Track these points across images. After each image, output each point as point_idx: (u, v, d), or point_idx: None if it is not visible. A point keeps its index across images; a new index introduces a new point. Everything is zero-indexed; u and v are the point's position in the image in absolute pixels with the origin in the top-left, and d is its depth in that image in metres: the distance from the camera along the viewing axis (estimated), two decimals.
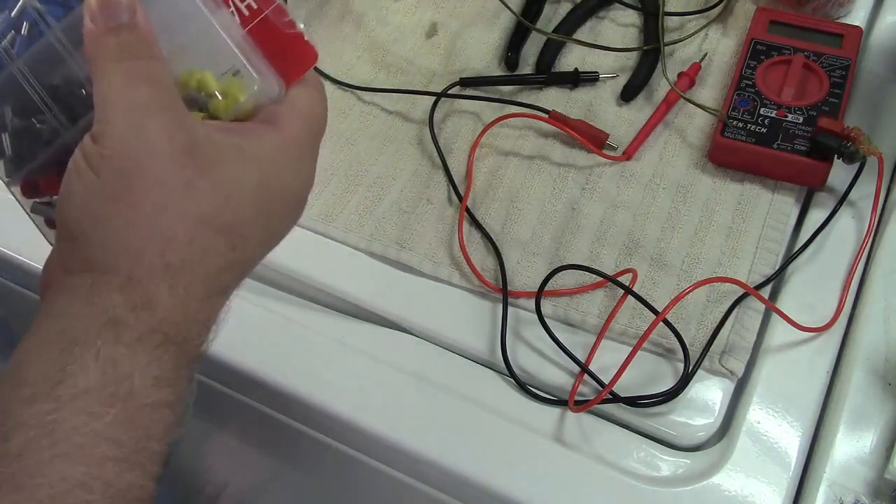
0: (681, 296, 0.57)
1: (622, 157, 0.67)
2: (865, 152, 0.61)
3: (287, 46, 0.42)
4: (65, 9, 0.42)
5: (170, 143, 0.39)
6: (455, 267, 0.63)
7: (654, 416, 0.56)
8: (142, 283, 0.38)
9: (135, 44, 0.40)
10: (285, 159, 0.42)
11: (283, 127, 0.42)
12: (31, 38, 0.42)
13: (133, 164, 0.38)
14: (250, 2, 0.42)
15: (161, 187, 0.38)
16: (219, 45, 0.41)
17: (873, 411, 0.54)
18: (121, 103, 0.39)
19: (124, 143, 0.38)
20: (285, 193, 0.43)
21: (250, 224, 0.41)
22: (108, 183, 0.38)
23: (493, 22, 0.77)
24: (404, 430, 0.57)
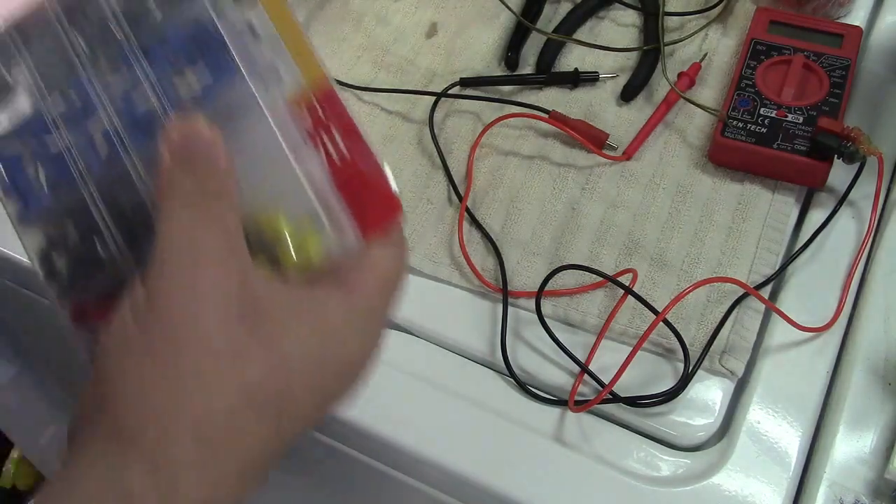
0: (681, 296, 0.57)
1: (622, 157, 0.67)
2: (865, 152, 0.61)
3: (372, 197, 0.39)
4: (146, 134, 0.40)
5: (223, 300, 0.35)
6: (455, 267, 0.63)
7: (654, 416, 0.56)
8: (168, 461, 0.34)
9: (209, 185, 0.37)
10: (350, 327, 0.38)
11: (354, 289, 0.38)
12: (108, 160, 0.40)
13: (179, 321, 0.35)
14: (340, 145, 0.39)
15: (206, 351, 0.35)
16: (298, 189, 0.38)
17: (873, 411, 0.54)
18: (179, 250, 0.36)
19: (174, 296, 0.35)
20: (344, 366, 0.38)
21: (301, 399, 0.37)
22: (150, 339, 0.35)
23: (493, 22, 0.77)
24: (404, 429, 0.57)
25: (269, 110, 0.39)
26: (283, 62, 0.40)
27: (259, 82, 0.39)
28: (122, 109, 0.40)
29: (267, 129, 0.38)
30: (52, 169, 0.40)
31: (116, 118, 0.40)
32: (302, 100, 0.39)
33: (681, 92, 0.68)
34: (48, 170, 0.40)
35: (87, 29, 0.41)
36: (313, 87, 0.40)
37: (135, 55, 0.40)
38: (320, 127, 0.39)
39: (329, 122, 0.39)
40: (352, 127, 0.39)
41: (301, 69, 0.40)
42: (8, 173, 0.41)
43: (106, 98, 0.40)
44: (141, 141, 0.40)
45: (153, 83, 0.40)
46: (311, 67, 0.40)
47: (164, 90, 0.40)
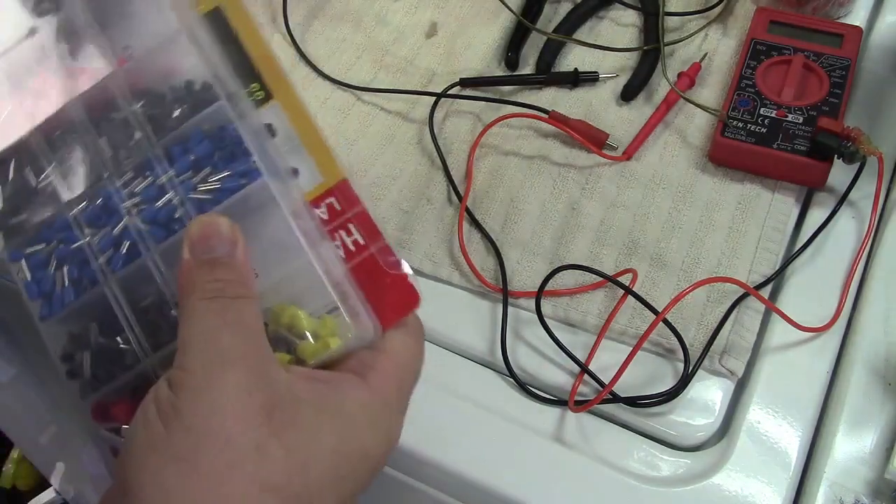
0: (681, 295, 0.57)
1: (622, 157, 0.67)
2: (865, 152, 0.61)
3: (390, 287, 0.40)
4: (167, 232, 0.41)
5: (247, 399, 0.36)
6: (455, 267, 0.63)
7: (655, 416, 0.56)
8: None
9: (229, 282, 0.38)
10: (368, 419, 0.39)
11: (372, 380, 0.39)
12: (130, 257, 0.41)
13: (204, 421, 0.35)
14: (357, 237, 0.41)
15: (229, 450, 0.35)
16: (316, 283, 0.39)
17: (873, 411, 0.54)
18: (202, 351, 0.37)
19: (198, 398, 0.36)
20: (363, 458, 0.39)
21: (322, 493, 0.37)
22: (175, 439, 0.35)
23: (493, 22, 0.77)
24: (404, 429, 0.57)
25: (286, 207, 0.40)
26: (301, 160, 0.41)
27: (277, 181, 0.41)
28: (143, 208, 0.42)
29: (285, 226, 0.40)
30: (74, 268, 0.42)
31: (137, 216, 0.42)
32: (319, 196, 0.41)
33: (680, 92, 0.68)
34: (71, 269, 0.42)
35: (110, 132, 0.43)
36: (330, 182, 0.41)
37: (157, 156, 0.42)
38: (338, 221, 0.41)
39: (346, 216, 0.41)
40: (369, 221, 0.41)
41: (318, 166, 0.42)
42: (32, 274, 0.42)
43: (127, 197, 0.42)
44: (161, 237, 0.41)
45: (174, 183, 0.41)
46: (328, 163, 0.42)
47: (185, 190, 0.41)
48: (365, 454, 0.39)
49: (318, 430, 0.37)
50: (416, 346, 0.41)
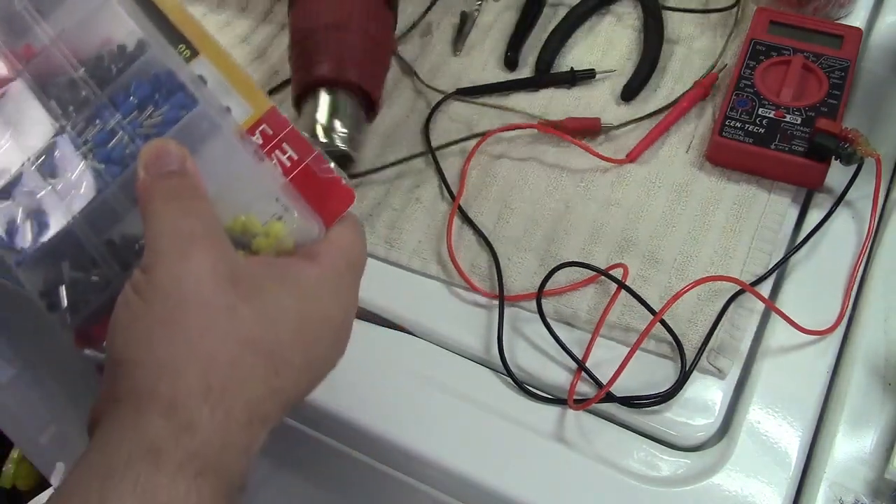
0: (679, 294, 0.57)
1: (625, 160, 0.67)
2: (863, 154, 0.61)
3: (326, 190, 0.46)
4: (122, 167, 0.46)
5: (214, 270, 0.40)
6: (445, 265, 0.63)
7: (654, 415, 0.56)
8: (183, 405, 0.38)
9: (183, 186, 0.43)
10: (324, 289, 0.44)
11: (322, 261, 0.44)
12: (91, 196, 0.46)
13: (179, 289, 0.40)
14: (291, 153, 0.46)
15: (205, 311, 0.40)
16: (262, 193, 0.45)
17: (873, 411, 0.54)
18: (168, 235, 0.41)
19: (171, 270, 0.40)
20: (325, 321, 0.43)
21: (292, 349, 0.42)
22: (155, 308, 0.40)
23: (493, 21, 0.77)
24: (403, 429, 0.57)
25: (226, 136, 0.46)
26: (231, 100, 0.47)
27: (214, 115, 0.46)
28: (97, 152, 0.47)
29: (229, 148, 0.46)
30: (41, 215, 0.47)
31: (93, 160, 0.47)
32: (253, 125, 0.47)
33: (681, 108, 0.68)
34: (38, 216, 0.47)
35: (58, 93, 0.48)
36: (259, 112, 0.47)
37: (103, 104, 0.47)
38: (272, 143, 0.46)
39: (279, 137, 0.47)
40: (299, 138, 0.46)
41: (247, 101, 0.47)
42: (4, 228, 0.47)
43: (82, 144, 0.47)
44: (117, 173, 0.46)
45: (122, 124, 0.47)
46: (255, 97, 0.47)
47: (133, 128, 0.47)
48: (326, 318, 0.44)
49: (279, 296, 0.42)
50: (356, 235, 0.46)
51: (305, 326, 0.42)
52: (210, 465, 0.38)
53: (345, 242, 0.46)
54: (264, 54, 0.78)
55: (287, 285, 0.42)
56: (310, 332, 0.43)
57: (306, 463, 0.70)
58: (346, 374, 0.59)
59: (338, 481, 0.69)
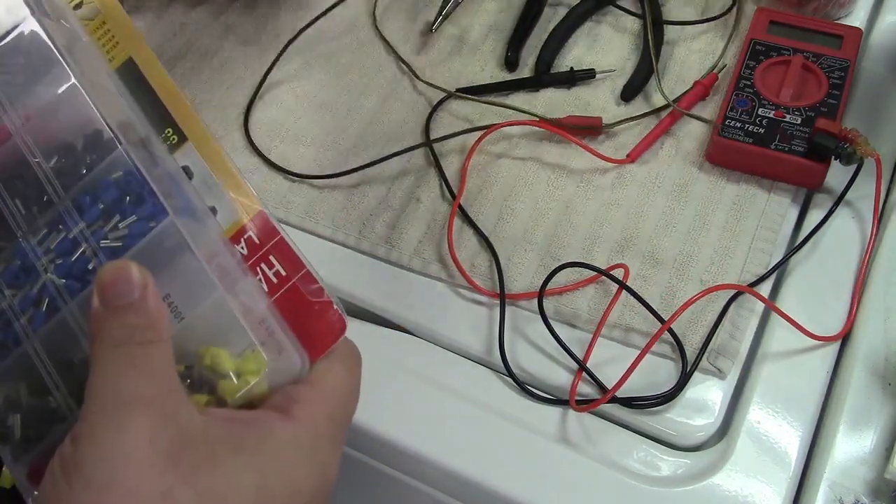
0: (689, 303, 0.57)
1: (625, 160, 0.67)
2: (863, 154, 0.61)
3: (315, 316, 0.41)
4: (83, 283, 0.41)
5: (150, 445, 0.34)
6: (446, 265, 0.63)
7: (654, 416, 0.56)
8: None
9: (137, 327, 0.37)
10: (295, 454, 0.38)
11: (299, 414, 0.38)
12: (49, 313, 0.41)
13: (104, 473, 0.34)
14: (278, 268, 0.41)
15: (132, 501, 0.34)
16: (236, 322, 0.39)
17: (873, 411, 0.54)
18: (103, 398, 0.35)
19: (99, 447, 0.34)
20: (293, 492, 0.37)
21: None
22: (76, 495, 0.34)
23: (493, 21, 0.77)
24: (404, 429, 0.57)
25: (200, 250, 0.40)
26: (217, 198, 0.42)
27: (192, 222, 0.41)
28: (59, 263, 0.42)
29: (199, 268, 0.40)
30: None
31: (53, 272, 0.42)
32: (238, 231, 0.42)
33: (681, 109, 0.68)
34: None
35: (23, 190, 0.43)
36: (247, 217, 0.42)
37: (67, 209, 0.42)
38: (258, 254, 0.41)
39: (266, 247, 0.41)
40: (289, 250, 0.41)
41: (234, 201, 0.42)
42: None
43: (43, 254, 0.42)
44: (77, 290, 0.41)
45: (86, 234, 0.42)
46: (243, 198, 0.42)
47: (97, 239, 0.42)
48: (296, 490, 0.37)
49: (235, 469, 0.36)
50: (346, 373, 0.40)
51: (265, 503, 0.36)
52: None
53: (330, 386, 0.40)
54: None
55: (246, 454, 0.36)
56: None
57: None
58: None
59: (337, 481, 0.69)
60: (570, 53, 0.75)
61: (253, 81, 0.75)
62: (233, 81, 0.76)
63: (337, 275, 0.64)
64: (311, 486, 0.38)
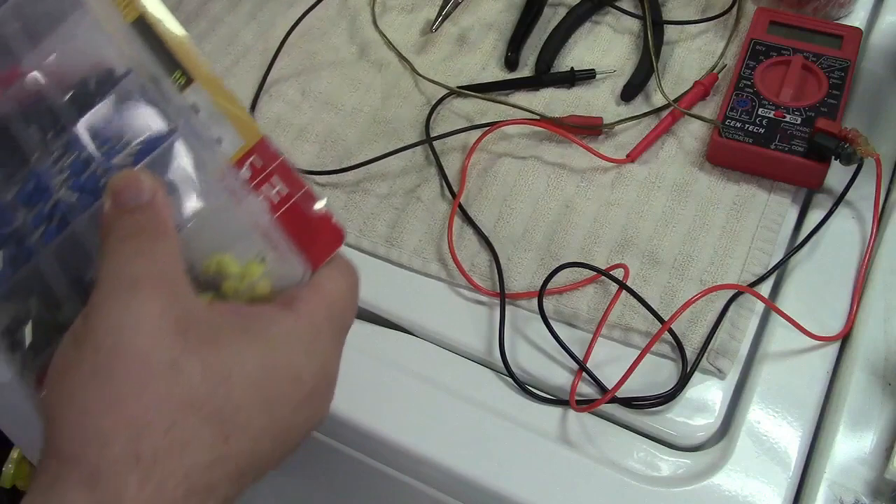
0: (689, 303, 0.57)
1: (625, 160, 0.67)
2: (863, 154, 0.61)
3: (314, 228, 0.43)
4: (94, 198, 0.43)
5: (159, 318, 0.36)
6: (445, 264, 0.63)
7: (654, 416, 0.56)
8: (107, 476, 0.34)
9: (146, 223, 0.39)
10: (296, 343, 0.39)
11: (299, 309, 0.40)
12: (61, 228, 0.44)
13: (113, 340, 0.36)
14: (280, 188, 0.44)
15: (141, 367, 0.35)
16: (244, 231, 0.42)
17: (873, 411, 0.54)
18: (115, 277, 0.37)
19: (109, 318, 0.36)
20: (293, 381, 0.39)
21: (248, 411, 0.37)
22: (87, 360, 0.36)
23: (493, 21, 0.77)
24: (404, 429, 0.57)
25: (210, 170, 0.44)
26: (223, 129, 0.45)
27: (199, 148, 0.44)
28: (71, 181, 0.44)
29: (210, 181, 0.43)
30: (11, 247, 0.44)
31: (67, 189, 0.44)
32: (242, 157, 0.44)
33: (681, 109, 0.68)
34: (8, 249, 0.44)
35: (39, 119, 0.47)
36: (250, 143, 0.45)
37: (81, 133, 0.45)
38: (261, 176, 0.44)
39: (268, 170, 0.44)
40: (289, 172, 0.44)
41: (238, 131, 0.45)
42: None
43: (57, 174, 0.45)
44: (88, 204, 0.44)
45: (97, 154, 0.45)
46: (247, 127, 0.45)
47: (108, 157, 0.45)
48: (296, 377, 0.39)
49: (239, 349, 0.37)
50: (344, 280, 0.42)
51: (267, 384, 0.38)
52: None
53: (328, 289, 0.41)
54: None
55: (249, 335, 0.38)
56: (272, 390, 0.38)
57: (305, 463, 0.70)
58: (346, 374, 0.59)
59: (337, 481, 0.69)
60: (570, 53, 0.75)
61: (261, 61, 0.76)
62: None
63: None
64: (311, 377, 0.40)
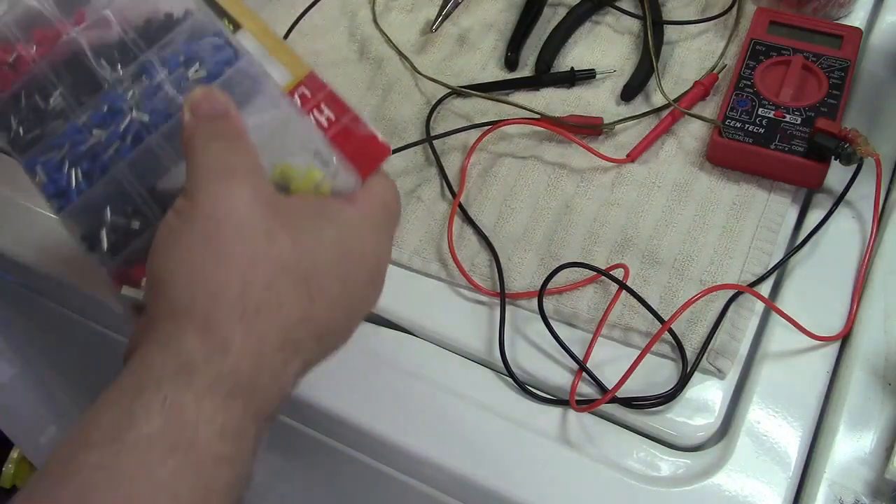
0: (689, 303, 0.57)
1: (625, 160, 0.67)
2: (862, 154, 0.61)
3: (363, 145, 0.47)
4: (167, 118, 0.48)
5: (253, 198, 0.41)
6: (445, 264, 0.63)
7: (654, 416, 0.56)
8: (218, 324, 0.39)
9: (227, 128, 0.44)
10: (362, 228, 0.44)
11: (361, 203, 0.45)
12: (135, 144, 0.48)
13: (219, 211, 0.41)
14: (329, 114, 0.48)
15: (243, 233, 0.40)
16: (303, 145, 0.46)
17: (873, 411, 0.55)
18: (210, 167, 0.42)
19: (211, 194, 0.41)
20: (362, 258, 0.44)
21: (328, 278, 0.42)
22: (195, 228, 0.41)
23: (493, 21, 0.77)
24: (404, 429, 0.57)
25: (269, 92, 0.47)
26: (272, 67, 0.49)
27: (259, 74, 0.48)
28: (144, 104, 0.49)
29: (272, 101, 0.47)
30: (85, 162, 0.49)
31: (139, 111, 0.49)
32: (292, 89, 0.48)
33: (681, 109, 0.68)
34: (82, 165, 0.49)
35: (108, 53, 0.51)
36: (299, 77, 0.48)
37: (150, 62, 0.50)
38: (310, 104, 0.48)
39: (317, 98, 0.48)
40: (336, 100, 0.48)
41: (287, 67, 0.49)
42: (48, 177, 0.49)
43: (129, 98, 0.49)
44: (161, 122, 0.48)
45: (168, 79, 0.49)
46: (295, 64, 0.49)
47: (178, 82, 0.49)
48: (363, 255, 0.44)
49: (317, 227, 0.43)
50: (392, 187, 0.47)
51: (343, 259, 0.43)
52: (241, 386, 0.39)
53: (381, 190, 0.46)
54: None
55: (324, 219, 0.43)
56: (347, 265, 0.43)
57: (306, 463, 0.70)
58: (346, 374, 0.60)
59: (337, 481, 0.69)
60: (570, 53, 0.75)
61: None
62: None
63: None
64: (375, 258, 0.45)
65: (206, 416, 0.38)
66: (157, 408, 0.37)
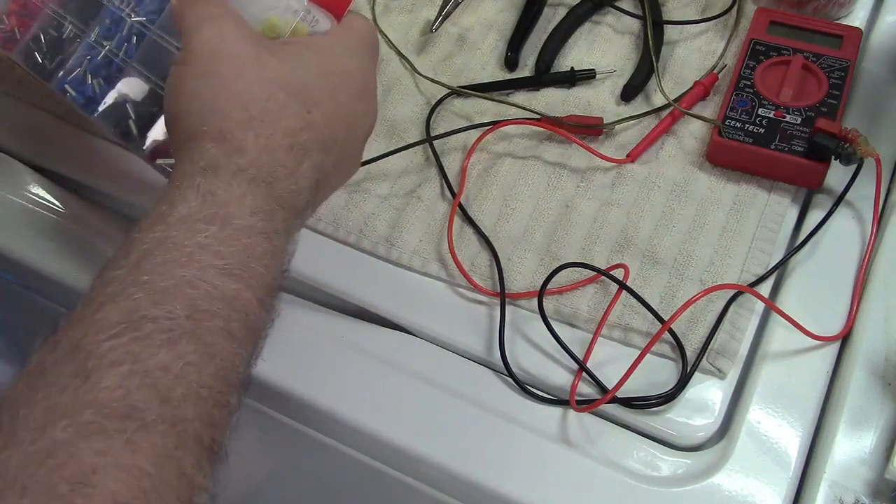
0: (689, 303, 0.57)
1: (625, 160, 0.67)
2: (863, 154, 0.61)
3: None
4: (159, 14, 0.58)
5: (241, 32, 0.49)
6: (445, 265, 0.63)
7: (654, 415, 0.56)
8: (231, 133, 0.47)
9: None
10: (339, 49, 0.52)
11: (335, 33, 0.53)
12: (139, 42, 0.59)
13: (214, 48, 0.49)
14: None
15: (236, 60, 0.48)
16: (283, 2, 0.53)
17: (873, 411, 0.55)
18: (198, 18, 0.50)
19: (202, 37, 0.49)
20: (345, 74, 0.52)
21: (319, 92, 0.50)
22: (194, 66, 0.49)
23: (493, 21, 0.77)
24: (404, 430, 0.57)
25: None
26: None
27: None
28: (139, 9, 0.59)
29: None
30: (103, 70, 0.59)
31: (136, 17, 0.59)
32: None
33: (681, 109, 0.68)
34: (101, 73, 0.59)
35: None
36: None
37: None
38: None
39: None
40: None
41: None
42: (76, 92, 0.59)
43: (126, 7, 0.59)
44: (155, 16, 0.58)
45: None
46: None
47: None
48: (346, 72, 0.52)
49: (300, 53, 0.51)
50: (364, 19, 0.55)
51: (328, 76, 0.50)
52: (262, 175, 0.47)
53: (354, 21, 0.54)
54: None
55: (305, 46, 0.51)
56: (333, 81, 0.51)
57: (306, 463, 0.70)
58: (346, 373, 0.60)
59: (337, 481, 0.69)
60: (570, 53, 0.75)
61: None
62: None
63: (337, 274, 0.64)
64: (359, 74, 0.53)
65: (235, 197, 0.45)
66: (192, 194, 0.45)
